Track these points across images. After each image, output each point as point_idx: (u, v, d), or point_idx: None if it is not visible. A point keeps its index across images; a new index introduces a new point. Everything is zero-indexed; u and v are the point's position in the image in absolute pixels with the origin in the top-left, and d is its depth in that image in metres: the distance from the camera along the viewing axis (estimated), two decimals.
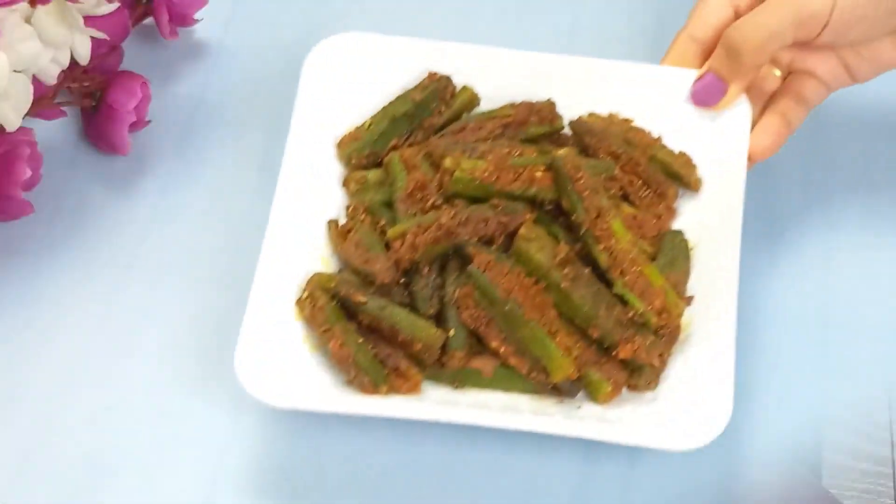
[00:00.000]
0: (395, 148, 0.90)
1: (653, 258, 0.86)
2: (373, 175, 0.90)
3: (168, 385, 0.87)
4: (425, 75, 0.92)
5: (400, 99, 0.92)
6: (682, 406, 0.81)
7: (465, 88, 0.93)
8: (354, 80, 0.92)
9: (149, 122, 0.96)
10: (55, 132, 0.97)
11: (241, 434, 0.85)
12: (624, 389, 0.84)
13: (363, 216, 0.88)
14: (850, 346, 0.89)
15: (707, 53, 0.91)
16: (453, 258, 0.85)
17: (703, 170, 0.90)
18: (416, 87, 0.92)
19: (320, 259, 0.87)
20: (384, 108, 0.92)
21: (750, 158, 0.90)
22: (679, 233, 0.88)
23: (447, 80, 0.92)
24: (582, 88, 0.92)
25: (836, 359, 0.89)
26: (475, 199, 0.86)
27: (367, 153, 0.90)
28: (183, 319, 0.89)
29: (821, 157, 0.97)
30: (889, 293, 0.92)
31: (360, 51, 0.92)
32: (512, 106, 0.91)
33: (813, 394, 0.87)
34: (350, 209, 0.89)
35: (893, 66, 0.91)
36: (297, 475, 0.84)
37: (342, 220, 0.89)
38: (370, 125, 0.91)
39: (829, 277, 0.92)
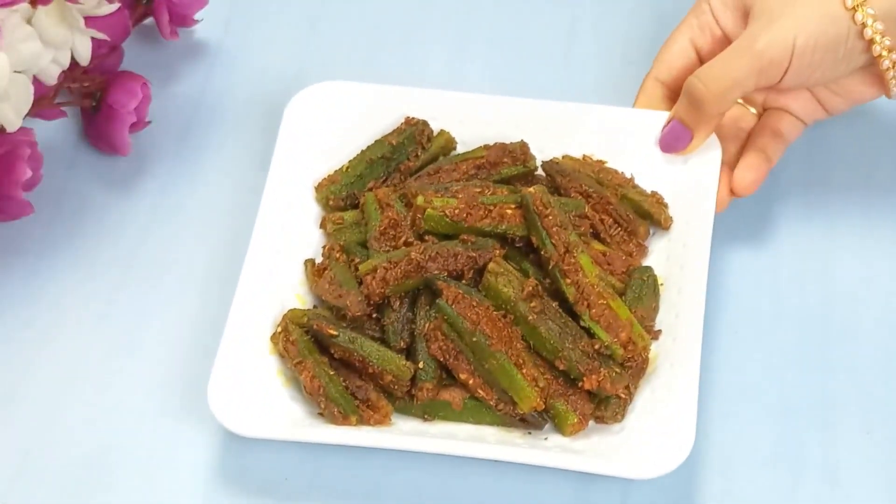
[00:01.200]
0: (371, 190, 0.92)
1: (621, 293, 0.87)
2: (349, 216, 0.91)
3: (168, 385, 0.88)
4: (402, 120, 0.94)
5: (377, 143, 0.94)
6: (646, 436, 0.82)
7: (441, 132, 0.94)
8: (333, 126, 0.94)
9: (149, 122, 0.97)
10: (55, 132, 0.98)
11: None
12: (592, 422, 0.85)
13: (338, 254, 0.89)
14: (850, 345, 0.90)
15: (675, 94, 0.93)
16: (424, 293, 0.87)
17: (674, 209, 0.92)
18: (393, 132, 0.94)
19: (296, 297, 0.89)
20: (362, 151, 0.93)
21: (734, 194, 0.91)
22: (648, 269, 0.89)
23: (424, 124, 0.94)
24: (557, 132, 0.94)
25: (836, 357, 0.89)
26: (447, 237, 0.88)
27: (344, 195, 0.92)
28: (183, 319, 0.90)
29: (821, 157, 0.98)
30: (889, 293, 0.92)
31: (338, 98, 0.94)
32: (485, 147, 0.93)
33: (813, 393, 0.88)
34: (326, 248, 0.90)
35: (865, 100, 0.92)
36: (295, 477, 0.84)
37: (319, 260, 0.90)
38: (347, 168, 0.93)
39: (829, 277, 0.92)
